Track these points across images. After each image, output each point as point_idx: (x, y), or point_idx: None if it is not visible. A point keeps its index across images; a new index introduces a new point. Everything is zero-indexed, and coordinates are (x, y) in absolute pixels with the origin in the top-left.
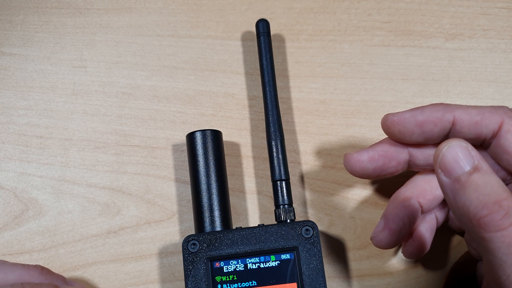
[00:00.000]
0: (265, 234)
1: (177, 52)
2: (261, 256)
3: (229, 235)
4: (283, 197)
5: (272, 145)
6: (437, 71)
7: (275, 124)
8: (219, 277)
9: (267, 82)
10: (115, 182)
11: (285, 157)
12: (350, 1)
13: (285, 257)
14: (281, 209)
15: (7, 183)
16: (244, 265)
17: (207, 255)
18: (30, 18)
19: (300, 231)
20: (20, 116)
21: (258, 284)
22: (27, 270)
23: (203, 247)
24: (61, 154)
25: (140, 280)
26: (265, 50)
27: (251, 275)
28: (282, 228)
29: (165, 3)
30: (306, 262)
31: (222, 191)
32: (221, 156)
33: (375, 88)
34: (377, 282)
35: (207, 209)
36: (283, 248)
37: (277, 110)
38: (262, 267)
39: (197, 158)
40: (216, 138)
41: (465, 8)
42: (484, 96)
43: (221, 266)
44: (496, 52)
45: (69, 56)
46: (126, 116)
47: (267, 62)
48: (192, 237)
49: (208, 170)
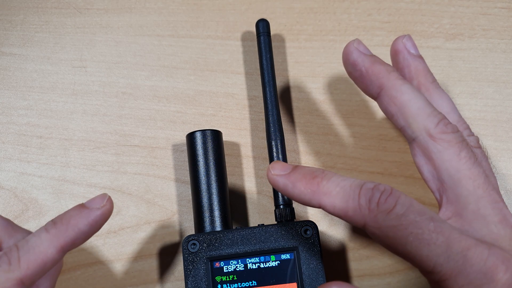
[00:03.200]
0: (265, 234)
1: (177, 52)
2: (261, 256)
3: (229, 235)
4: (284, 197)
5: (272, 145)
6: (437, 71)
7: (275, 124)
8: (219, 277)
9: (267, 82)
10: (115, 182)
11: (285, 157)
12: (350, 1)
13: (285, 257)
14: (281, 209)
15: (7, 183)
16: (244, 265)
17: (207, 255)
18: (30, 18)
19: (300, 231)
20: (20, 116)
21: (258, 284)
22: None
23: (203, 247)
24: (61, 154)
25: (140, 280)
26: (265, 50)
27: (251, 275)
28: (282, 228)
29: (165, 3)
30: (306, 262)
31: (222, 191)
32: (221, 156)
33: None
34: (377, 282)
35: (207, 209)
36: (283, 248)
37: (277, 110)
38: (262, 267)
39: (197, 158)
40: (216, 138)
41: (465, 8)
42: (484, 96)
43: (221, 266)
44: (496, 52)
45: (69, 56)
46: (126, 116)
47: (267, 62)
48: (192, 237)
49: (208, 170)
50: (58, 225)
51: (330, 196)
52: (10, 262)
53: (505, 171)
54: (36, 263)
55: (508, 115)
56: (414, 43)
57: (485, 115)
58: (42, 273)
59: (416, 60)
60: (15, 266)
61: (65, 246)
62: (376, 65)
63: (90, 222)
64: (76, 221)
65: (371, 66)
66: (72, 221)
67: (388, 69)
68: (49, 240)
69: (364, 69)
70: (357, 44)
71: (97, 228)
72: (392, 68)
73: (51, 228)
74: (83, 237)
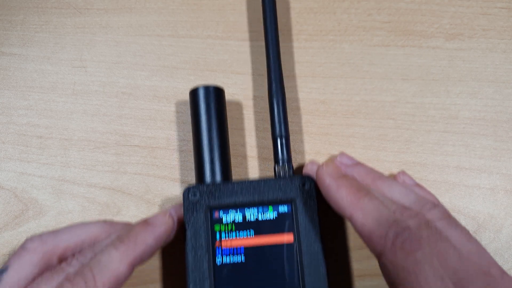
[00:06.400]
0: (264, 186)
1: (177, 52)
2: (259, 207)
3: (229, 186)
4: (283, 153)
5: (273, 103)
6: (437, 71)
7: (277, 83)
8: (218, 226)
9: (270, 42)
10: (115, 182)
11: (285, 115)
12: (350, 1)
13: (282, 209)
14: (280, 165)
15: (7, 183)
16: (242, 216)
17: (206, 204)
18: (30, 18)
19: (298, 184)
20: (20, 116)
21: (256, 233)
22: (100, 227)
23: (203, 197)
24: (61, 154)
25: (140, 280)
26: (269, 10)
27: (249, 225)
28: (281, 181)
29: (165, 3)
30: (302, 214)
31: (223, 145)
32: (223, 112)
33: (375, 88)
34: (377, 282)
35: (208, 162)
36: (281, 200)
37: (279, 68)
38: (260, 217)
39: (199, 112)
40: (218, 94)
41: (465, 8)
42: (484, 96)
43: (220, 216)
44: (496, 52)
45: (69, 56)
46: (126, 116)
47: (271, 21)
48: (193, 187)
49: (210, 124)
50: (126, 242)
51: (365, 214)
52: (86, 282)
53: (505, 171)
54: (110, 280)
55: (508, 115)
56: (349, 156)
57: (485, 115)
58: None
59: (356, 168)
60: (91, 285)
61: (134, 262)
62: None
63: (156, 237)
64: (144, 237)
65: (338, 189)
66: (140, 237)
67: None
68: (119, 257)
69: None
70: (326, 167)
71: (161, 243)
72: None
73: (120, 246)
74: (150, 252)
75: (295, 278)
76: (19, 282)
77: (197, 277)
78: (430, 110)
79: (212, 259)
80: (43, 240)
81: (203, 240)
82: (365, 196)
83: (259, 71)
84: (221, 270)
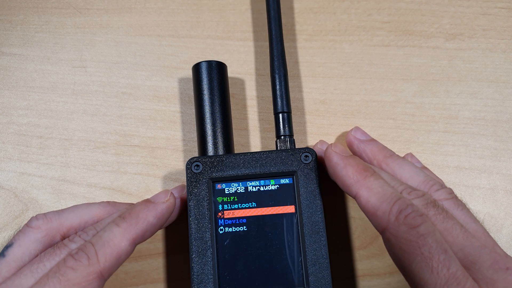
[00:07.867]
0: (266, 158)
1: (177, 52)
2: (261, 179)
3: (231, 158)
4: (285, 128)
5: (275, 78)
6: (437, 71)
7: (279, 58)
8: (220, 198)
9: (272, 17)
10: (115, 182)
11: (287, 90)
12: (350, 1)
13: (284, 181)
14: (282, 139)
15: (7, 183)
16: (244, 188)
17: (209, 176)
18: (30, 18)
19: (299, 157)
20: (20, 116)
21: (258, 205)
22: (102, 207)
23: (206, 168)
24: (61, 154)
25: (140, 280)
26: None
27: (251, 197)
28: (282, 153)
29: (165, 3)
30: (304, 186)
31: (226, 118)
32: (225, 86)
33: (375, 88)
34: (377, 282)
35: (210, 134)
36: (283, 172)
37: (281, 44)
38: (262, 190)
39: (202, 86)
40: (221, 69)
41: (465, 8)
42: (484, 96)
43: (223, 188)
44: (496, 52)
45: (69, 56)
46: (126, 116)
47: (273, 0)
48: (196, 158)
49: (212, 98)
50: (128, 219)
51: (370, 191)
52: (88, 257)
53: (505, 171)
54: (112, 256)
55: (508, 115)
56: (363, 131)
57: (485, 115)
58: (117, 265)
59: (369, 144)
60: (93, 260)
61: (136, 239)
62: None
63: (157, 214)
64: (145, 215)
65: (345, 167)
66: (141, 214)
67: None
68: (121, 234)
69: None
70: (334, 146)
71: (163, 221)
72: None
73: (121, 223)
74: (152, 230)
75: (296, 246)
76: (23, 257)
77: (200, 247)
78: (430, 110)
79: (215, 229)
80: (48, 218)
81: (206, 211)
82: (371, 175)
83: (260, 71)
84: (224, 239)
